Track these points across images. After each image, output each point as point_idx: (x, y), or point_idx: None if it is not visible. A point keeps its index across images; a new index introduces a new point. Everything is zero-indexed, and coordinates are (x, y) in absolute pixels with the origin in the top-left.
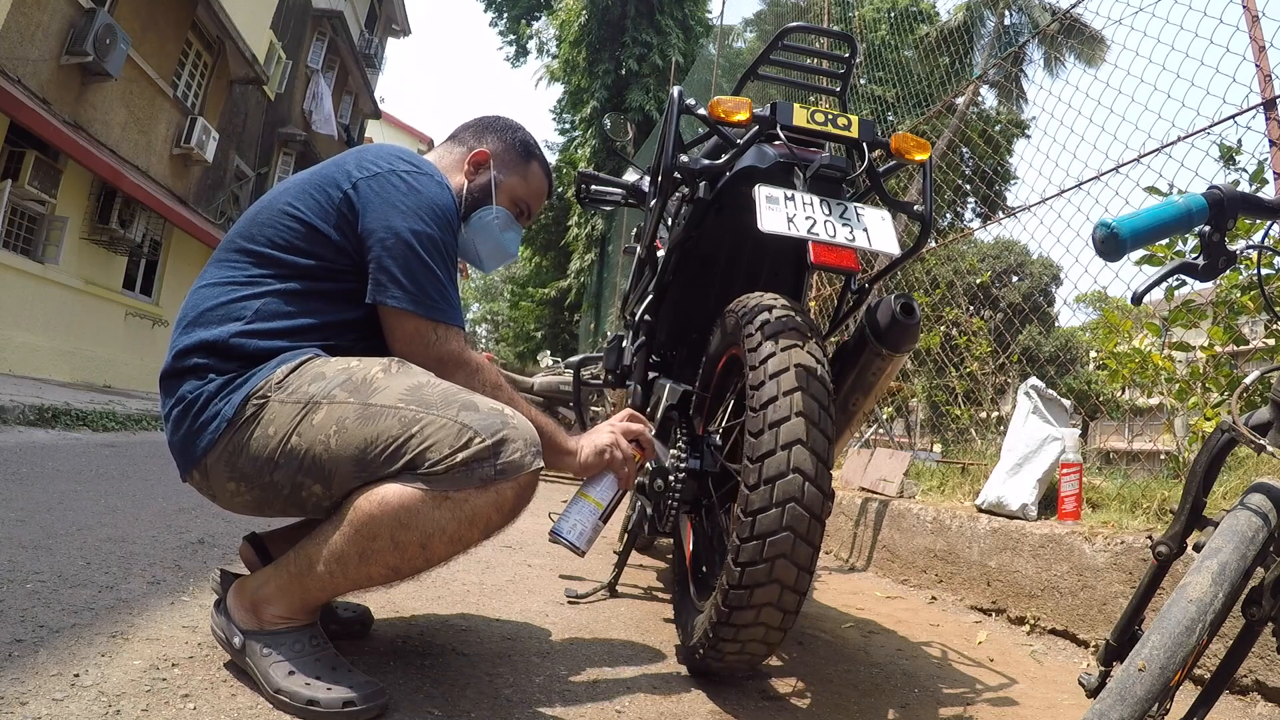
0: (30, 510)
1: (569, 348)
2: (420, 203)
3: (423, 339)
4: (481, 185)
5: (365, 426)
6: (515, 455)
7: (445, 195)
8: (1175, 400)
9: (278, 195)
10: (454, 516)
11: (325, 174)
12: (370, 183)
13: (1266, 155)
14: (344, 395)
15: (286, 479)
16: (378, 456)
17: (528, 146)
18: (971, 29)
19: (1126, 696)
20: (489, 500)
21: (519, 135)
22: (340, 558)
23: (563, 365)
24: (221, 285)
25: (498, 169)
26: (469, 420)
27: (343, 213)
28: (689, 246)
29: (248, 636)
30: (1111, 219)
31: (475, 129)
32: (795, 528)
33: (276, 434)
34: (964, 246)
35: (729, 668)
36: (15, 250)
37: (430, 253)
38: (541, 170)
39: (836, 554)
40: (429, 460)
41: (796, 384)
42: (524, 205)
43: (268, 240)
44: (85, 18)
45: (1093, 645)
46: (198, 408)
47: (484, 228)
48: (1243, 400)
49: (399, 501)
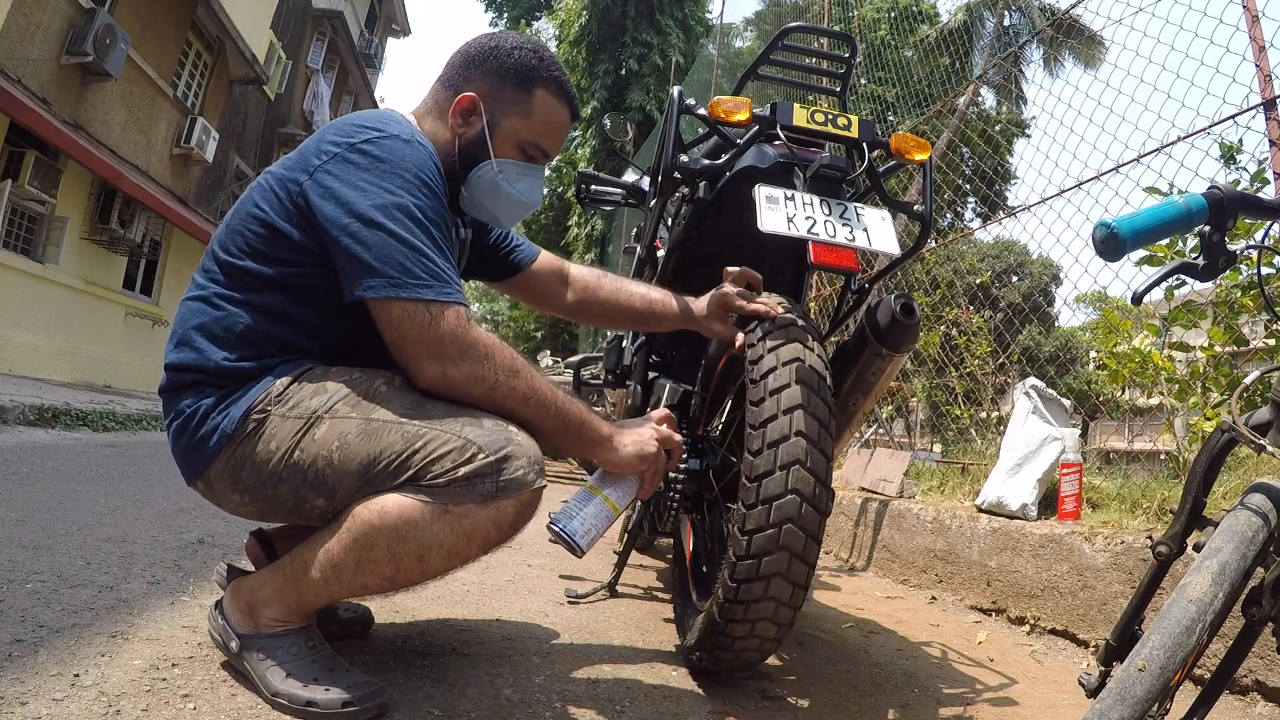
0: (30, 510)
1: (569, 348)
2: (384, 171)
3: (414, 322)
4: (474, 136)
5: (369, 442)
6: (518, 473)
7: (416, 153)
8: (1175, 400)
9: (249, 193)
10: (453, 530)
11: (288, 165)
12: (326, 168)
13: (1266, 155)
14: (346, 410)
15: (289, 493)
16: (382, 472)
17: (525, 73)
18: (971, 30)
19: (1126, 696)
20: (489, 516)
21: (514, 59)
22: (336, 565)
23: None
24: (202, 301)
25: (491, 112)
26: (473, 435)
27: (299, 207)
28: (689, 246)
29: (244, 640)
30: (1111, 219)
31: (462, 64)
32: (791, 547)
33: (279, 449)
34: (964, 246)
35: (727, 669)
36: (15, 250)
37: (401, 222)
38: (551, 96)
39: (836, 554)
40: (431, 473)
41: (796, 402)
42: (534, 147)
43: (237, 249)
44: (85, 18)
45: (1093, 645)
46: (196, 421)
47: (488, 184)
48: (1243, 400)
49: (398, 513)
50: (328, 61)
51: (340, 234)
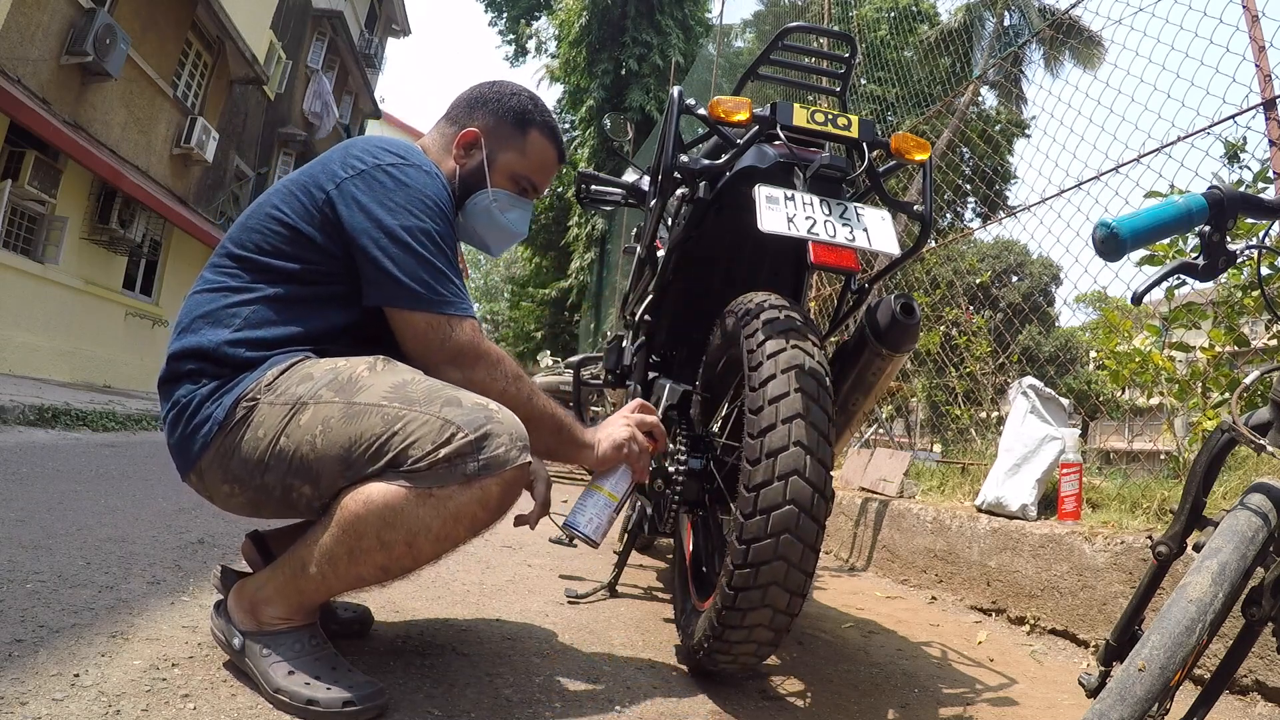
0: (30, 510)
1: (569, 348)
2: (409, 196)
3: (436, 334)
4: (474, 168)
5: (349, 425)
6: (499, 450)
7: (435, 184)
8: (1175, 400)
9: (267, 197)
10: (438, 514)
11: (311, 174)
12: (354, 182)
13: (1266, 155)
14: (330, 395)
15: (276, 481)
16: (362, 455)
17: (522, 115)
18: (971, 30)
19: (1126, 696)
20: (473, 497)
21: (512, 103)
22: (330, 558)
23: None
24: (213, 291)
25: (490, 146)
26: (451, 416)
27: (325, 215)
28: (689, 246)
29: (247, 637)
30: (1111, 219)
31: (466, 104)
32: (789, 557)
33: (266, 436)
34: (964, 246)
35: (726, 670)
36: (15, 250)
37: (426, 245)
38: (543, 137)
39: (836, 554)
40: (412, 457)
41: (795, 411)
42: (526, 181)
43: (255, 246)
44: (85, 18)
45: (1093, 645)
46: (190, 411)
47: (482, 212)
48: (1243, 400)
49: (383, 500)
50: (328, 61)
51: (370, 245)
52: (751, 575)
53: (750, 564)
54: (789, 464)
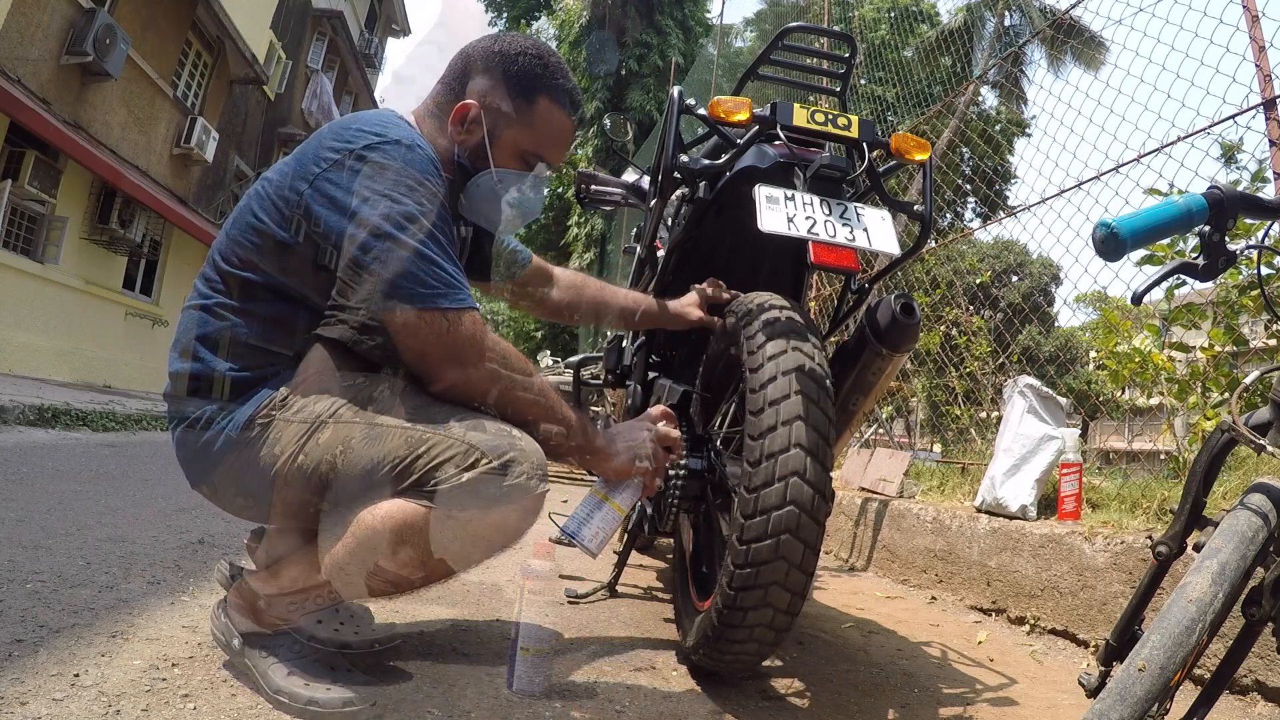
0: (30, 510)
1: (569, 348)
2: (388, 180)
3: (433, 331)
4: (475, 145)
5: (372, 446)
6: (521, 478)
7: (418, 158)
8: (1175, 400)
9: (247, 202)
10: (456, 536)
11: (288, 172)
12: (327, 176)
13: (1266, 155)
14: (349, 414)
15: (293, 496)
16: (385, 476)
17: (528, 80)
18: (972, 29)
19: (1126, 696)
20: (492, 522)
21: (517, 66)
22: (340, 568)
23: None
24: (205, 311)
25: (492, 120)
26: (476, 440)
27: (301, 217)
28: (689, 246)
29: (247, 638)
30: (1111, 219)
31: (463, 68)
32: (789, 558)
33: (283, 453)
34: (964, 246)
35: (726, 670)
36: (15, 250)
37: (411, 233)
38: (555, 105)
39: (836, 554)
40: (435, 479)
41: (796, 413)
42: (535, 157)
43: (240, 261)
44: (85, 18)
45: (1093, 645)
46: (201, 427)
47: (487, 194)
48: (1243, 400)
49: (402, 517)
50: (328, 61)
51: (348, 245)
52: (752, 576)
53: (751, 564)
54: (790, 466)
